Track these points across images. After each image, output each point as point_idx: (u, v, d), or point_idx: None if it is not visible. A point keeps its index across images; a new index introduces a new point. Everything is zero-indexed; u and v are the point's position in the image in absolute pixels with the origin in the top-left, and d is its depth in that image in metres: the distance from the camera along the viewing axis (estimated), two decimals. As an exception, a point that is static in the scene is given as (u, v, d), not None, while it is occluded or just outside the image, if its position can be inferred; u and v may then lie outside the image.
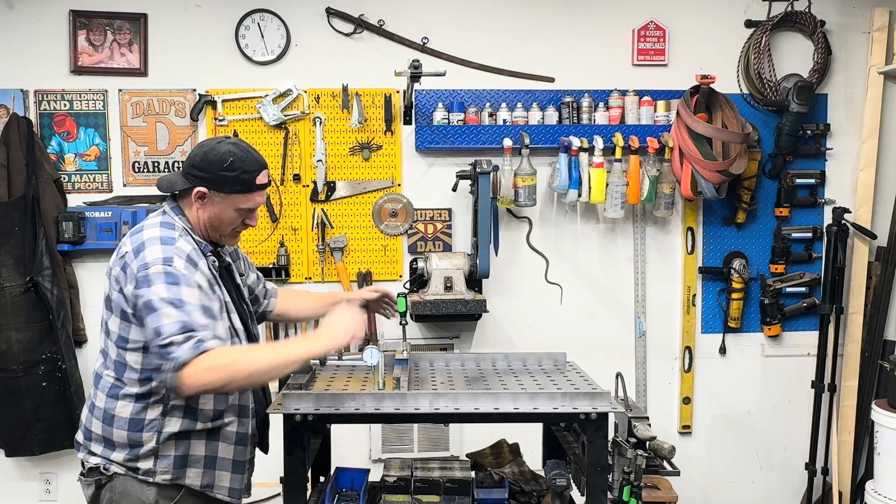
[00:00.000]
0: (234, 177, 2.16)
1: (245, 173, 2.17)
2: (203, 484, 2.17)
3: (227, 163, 2.15)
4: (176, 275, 2.03)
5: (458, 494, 2.65)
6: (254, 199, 2.23)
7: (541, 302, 3.88)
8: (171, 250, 2.07)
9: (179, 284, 2.02)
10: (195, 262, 2.10)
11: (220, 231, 2.25)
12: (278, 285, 3.76)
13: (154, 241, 2.09)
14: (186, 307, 1.99)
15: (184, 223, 2.20)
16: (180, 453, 2.14)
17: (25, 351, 3.53)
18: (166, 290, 2.00)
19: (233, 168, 2.16)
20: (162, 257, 2.05)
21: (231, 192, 2.18)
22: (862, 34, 3.93)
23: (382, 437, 3.84)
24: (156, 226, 2.15)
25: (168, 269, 2.03)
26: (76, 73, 3.71)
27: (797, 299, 3.97)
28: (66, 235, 3.57)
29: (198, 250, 2.16)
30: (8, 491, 3.77)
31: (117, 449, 2.13)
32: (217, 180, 2.16)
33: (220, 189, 2.17)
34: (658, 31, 3.88)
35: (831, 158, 3.97)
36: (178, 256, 2.06)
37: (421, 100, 3.78)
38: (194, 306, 2.01)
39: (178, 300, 1.99)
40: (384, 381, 2.41)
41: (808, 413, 3.95)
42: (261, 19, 3.74)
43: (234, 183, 2.17)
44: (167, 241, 2.09)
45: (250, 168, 2.18)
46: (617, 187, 3.71)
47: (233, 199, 2.19)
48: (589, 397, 2.30)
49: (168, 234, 2.12)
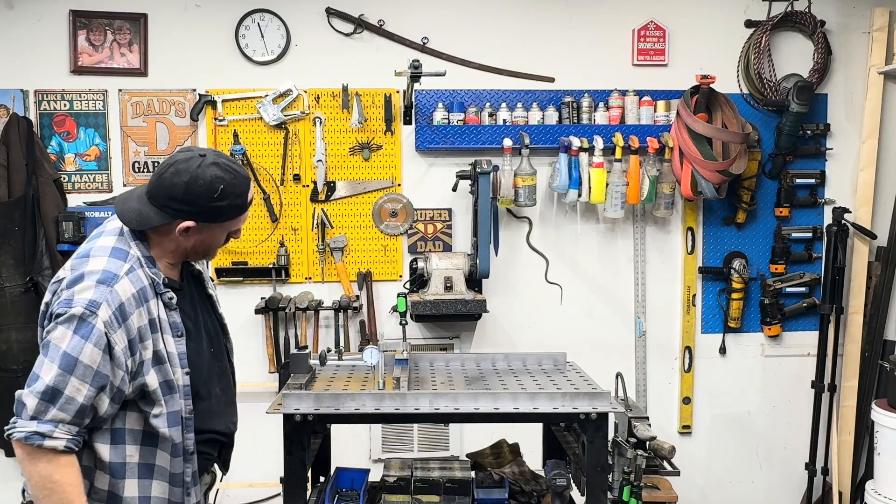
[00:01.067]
0: (228, 205, 1.94)
1: (238, 197, 1.96)
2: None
3: (217, 192, 1.91)
4: (90, 327, 1.79)
5: (458, 494, 2.65)
6: (246, 216, 2.05)
7: (541, 302, 3.88)
8: (104, 293, 1.82)
9: (86, 340, 1.79)
10: (125, 316, 1.85)
11: (208, 254, 2.10)
12: (279, 285, 3.80)
13: (93, 275, 1.85)
14: (76, 370, 1.78)
15: (141, 250, 1.95)
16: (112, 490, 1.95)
17: (25, 351, 3.53)
18: (69, 341, 1.79)
19: (224, 196, 1.92)
20: (89, 300, 1.81)
21: (226, 221, 1.99)
22: (862, 34, 3.93)
23: (382, 437, 3.84)
24: (105, 252, 1.91)
25: (86, 319, 1.80)
26: (76, 73, 3.71)
27: (797, 299, 3.97)
28: (66, 235, 3.57)
29: (143, 292, 1.90)
30: (8, 491, 3.77)
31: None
32: (207, 212, 1.93)
33: (212, 220, 1.96)
34: (658, 31, 3.88)
35: (831, 158, 3.97)
36: (106, 305, 1.81)
37: (421, 100, 3.78)
38: (88, 370, 1.79)
39: (71, 358, 1.78)
40: (384, 381, 2.41)
41: (808, 413, 3.95)
42: (261, 19, 3.74)
43: (228, 211, 1.96)
44: (106, 281, 1.84)
45: (242, 190, 1.97)
46: (617, 187, 3.71)
47: (225, 225, 2.01)
48: (589, 397, 2.30)
49: (114, 268, 1.87)
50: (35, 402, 1.78)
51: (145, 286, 1.91)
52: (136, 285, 1.89)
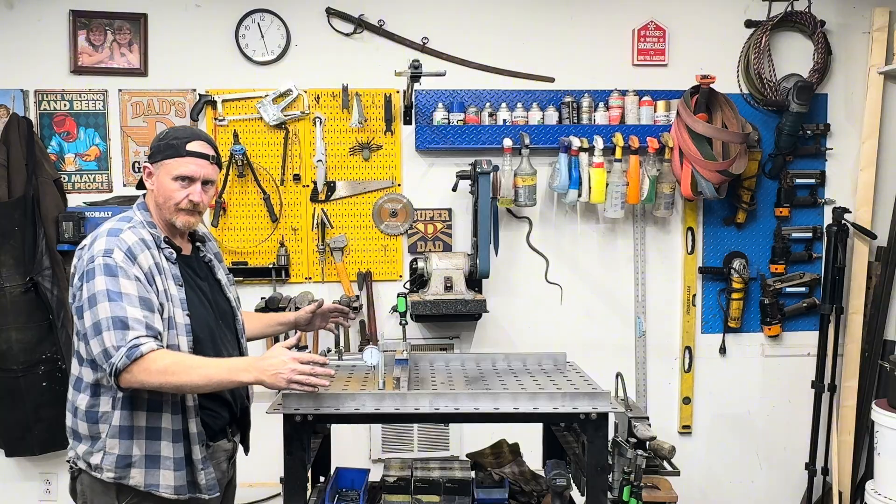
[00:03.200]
0: (165, 143, 2.25)
1: (175, 139, 2.25)
2: (147, 484, 2.17)
3: (161, 135, 2.30)
4: (113, 266, 2.10)
5: (458, 494, 2.66)
6: (187, 165, 2.24)
7: (541, 302, 3.88)
8: (113, 242, 2.14)
9: (117, 276, 2.09)
10: (134, 255, 2.14)
11: (167, 208, 2.25)
12: (279, 285, 3.80)
13: (103, 233, 2.17)
14: (123, 299, 2.07)
15: (144, 217, 2.26)
16: (122, 452, 2.16)
17: (25, 351, 3.53)
18: (104, 283, 2.08)
19: (164, 137, 2.28)
20: (104, 249, 2.12)
21: (164, 159, 2.24)
22: (862, 34, 3.93)
23: (382, 437, 3.84)
24: (114, 220, 2.25)
25: (107, 262, 2.10)
26: (76, 73, 3.71)
27: (797, 299, 3.97)
28: (66, 235, 3.57)
29: (144, 242, 2.19)
30: (8, 491, 3.77)
31: (82, 441, 2.21)
32: (153, 152, 2.27)
33: (155, 159, 2.26)
34: (658, 31, 3.88)
35: (831, 158, 3.97)
36: (118, 248, 2.13)
37: (421, 100, 3.78)
38: (131, 297, 2.08)
39: (115, 292, 2.07)
40: (384, 381, 2.41)
41: (808, 413, 3.96)
42: (261, 19, 3.74)
43: (165, 150, 2.25)
44: (113, 233, 2.17)
45: (181, 135, 2.27)
46: (617, 187, 3.71)
47: (167, 167, 2.24)
48: (589, 397, 2.30)
49: (118, 225, 2.20)
50: (114, 335, 2.03)
51: (146, 238, 2.20)
52: (138, 235, 2.19)
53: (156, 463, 2.17)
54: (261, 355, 2.16)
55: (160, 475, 2.17)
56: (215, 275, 2.43)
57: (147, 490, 2.17)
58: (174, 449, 2.18)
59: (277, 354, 2.12)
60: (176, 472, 2.18)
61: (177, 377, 2.04)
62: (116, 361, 2.01)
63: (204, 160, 2.27)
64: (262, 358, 2.13)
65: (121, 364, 2.01)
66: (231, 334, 2.42)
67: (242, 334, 2.48)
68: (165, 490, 2.17)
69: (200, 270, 2.38)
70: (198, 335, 2.23)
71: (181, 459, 2.19)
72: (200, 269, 2.39)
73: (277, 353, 2.13)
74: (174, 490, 2.18)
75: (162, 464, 2.18)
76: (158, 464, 2.18)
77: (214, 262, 2.45)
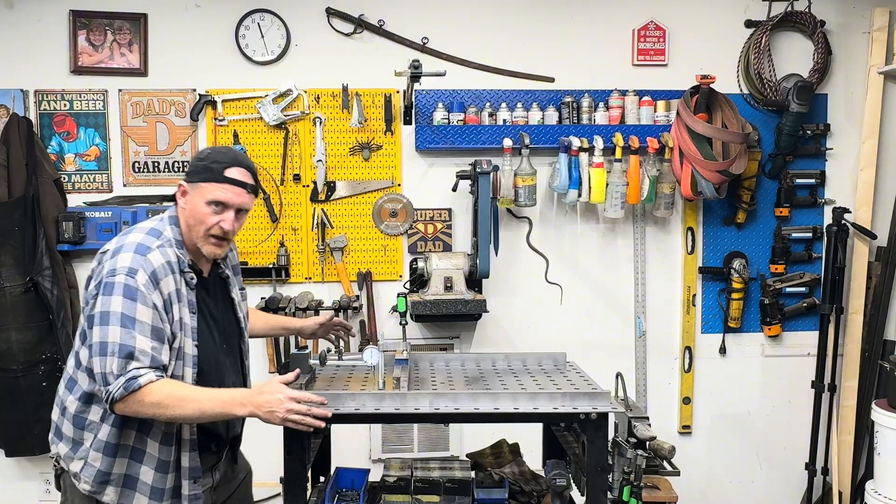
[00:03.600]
0: (204, 165, 2.20)
1: (214, 163, 2.20)
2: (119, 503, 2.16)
3: (202, 154, 2.25)
4: (134, 289, 2.05)
5: (458, 494, 2.66)
6: (223, 191, 2.18)
7: (541, 302, 3.88)
8: (139, 261, 2.08)
9: (135, 301, 2.05)
10: (157, 280, 2.10)
11: (196, 231, 2.21)
12: (279, 285, 3.80)
13: (131, 247, 2.12)
14: (136, 327, 2.03)
15: (174, 233, 2.21)
16: (103, 468, 2.14)
17: (25, 351, 3.53)
18: (121, 304, 2.04)
19: (206, 158, 2.22)
20: (128, 267, 2.07)
21: (200, 181, 2.19)
22: (862, 34, 3.93)
23: (382, 437, 3.84)
24: (143, 231, 2.18)
25: (129, 282, 2.05)
26: (76, 73, 3.71)
27: (797, 299, 3.97)
28: (66, 235, 3.57)
29: (170, 265, 2.14)
30: (8, 491, 3.77)
31: (63, 440, 2.20)
32: (191, 171, 2.23)
33: (192, 179, 2.21)
34: (658, 31, 3.88)
35: (831, 158, 3.97)
36: (142, 270, 2.07)
37: (421, 100, 3.78)
38: (145, 325, 2.05)
39: (129, 318, 2.03)
40: (384, 381, 2.41)
41: (808, 413, 3.96)
42: (261, 19, 3.74)
43: (203, 171, 2.19)
44: (141, 251, 2.11)
45: (222, 159, 2.21)
46: (617, 187, 3.71)
47: (202, 189, 2.19)
48: (589, 397, 2.30)
49: (147, 242, 2.14)
50: (116, 362, 2.01)
51: (172, 261, 2.15)
52: (165, 258, 2.14)
53: (132, 485, 2.16)
54: (258, 389, 2.11)
55: (135, 497, 2.16)
56: (229, 293, 2.40)
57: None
58: (155, 477, 2.16)
59: (274, 391, 2.09)
60: (151, 499, 2.16)
61: (170, 410, 2.03)
62: (113, 391, 2.00)
63: (241, 188, 2.21)
64: (258, 392, 2.10)
65: (118, 394, 2.00)
66: (235, 359, 2.40)
67: (247, 355, 2.48)
68: None
69: (214, 291, 2.34)
70: (202, 366, 2.21)
71: (161, 490, 2.17)
72: (215, 289, 2.35)
73: (274, 388, 2.10)
74: None
75: (139, 488, 2.16)
76: (135, 486, 2.16)
77: (231, 279, 2.41)
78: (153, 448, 2.17)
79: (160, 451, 2.17)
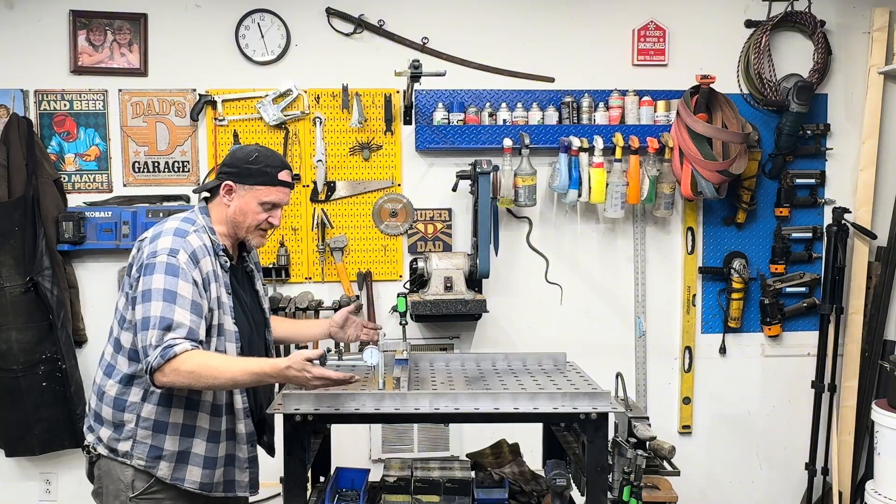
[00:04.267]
0: (258, 169, 2.35)
1: (268, 167, 2.36)
2: (173, 477, 2.27)
3: (251, 157, 2.36)
4: (176, 267, 2.18)
5: (458, 494, 2.65)
6: (276, 194, 2.37)
7: (541, 302, 3.88)
8: (179, 243, 2.22)
9: (177, 277, 2.17)
10: (197, 259, 2.23)
11: (245, 226, 2.37)
12: (279, 285, 3.80)
13: (169, 231, 2.26)
14: (177, 300, 2.14)
15: (206, 222, 2.36)
16: (155, 444, 2.25)
17: (25, 351, 3.53)
18: (163, 281, 2.16)
19: (257, 162, 2.35)
20: (169, 248, 2.20)
21: (255, 185, 2.35)
22: (862, 34, 3.93)
23: (382, 437, 3.84)
24: (178, 219, 2.33)
25: (170, 261, 2.18)
26: (76, 73, 3.71)
27: (797, 299, 3.97)
28: (66, 235, 3.57)
29: (207, 247, 2.28)
30: (8, 491, 3.77)
31: (104, 426, 2.28)
32: (242, 173, 2.35)
33: (244, 181, 2.35)
34: (658, 31, 3.88)
35: (831, 158, 3.97)
36: (183, 250, 2.21)
37: (421, 100, 3.78)
38: (185, 300, 2.15)
39: (171, 292, 2.15)
40: (384, 381, 2.41)
41: (808, 413, 3.95)
42: (261, 19, 3.74)
43: (257, 175, 2.34)
44: (180, 233, 2.26)
45: (273, 164, 2.38)
46: (617, 187, 3.71)
47: (256, 192, 2.35)
48: (589, 397, 2.30)
49: (184, 227, 2.29)
50: (155, 333, 2.10)
51: (207, 245, 2.30)
52: (201, 240, 2.28)
53: (185, 459, 2.27)
54: (285, 364, 2.13)
55: (187, 470, 2.27)
56: (254, 285, 2.55)
57: (172, 483, 2.26)
58: (207, 448, 2.29)
59: (301, 369, 2.12)
60: (204, 469, 2.29)
61: (204, 379, 2.11)
62: (152, 360, 2.09)
63: (289, 189, 2.43)
64: (285, 367, 2.13)
65: (155, 363, 2.08)
66: (263, 345, 2.54)
67: (272, 346, 2.62)
68: (190, 484, 2.28)
69: (242, 281, 2.48)
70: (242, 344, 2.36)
71: (214, 459, 2.30)
72: (242, 279, 2.49)
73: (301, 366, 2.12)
74: (199, 486, 2.29)
75: (191, 460, 2.28)
76: (188, 460, 2.27)
77: (255, 273, 2.56)
78: (203, 420, 2.28)
79: (211, 422, 2.29)
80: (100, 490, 2.33)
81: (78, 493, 3.72)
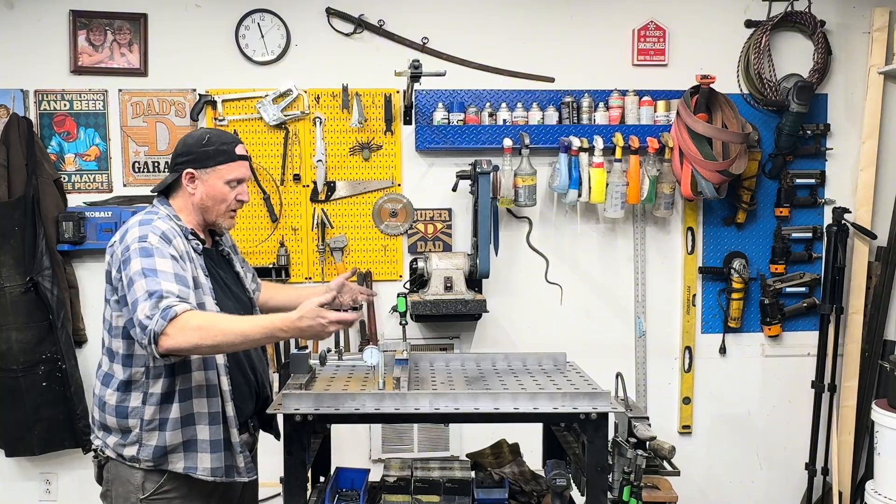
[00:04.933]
0: (215, 150, 2.34)
1: (224, 144, 2.36)
2: (186, 467, 2.27)
3: (205, 139, 2.36)
4: (149, 248, 2.17)
5: (458, 494, 2.65)
6: (239, 169, 2.37)
7: (541, 302, 3.88)
8: (147, 228, 2.22)
9: (153, 256, 2.16)
10: (169, 239, 2.22)
11: (216, 210, 2.37)
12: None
13: (134, 224, 2.25)
14: (158, 275, 2.11)
15: (168, 211, 2.34)
16: (160, 443, 2.24)
17: (25, 351, 3.53)
18: (140, 263, 2.14)
19: (211, 143, 2.35)
20: (138, 236, 2.20)
21: (216, 165, 2.34)
22: (862, 34, 3.93)
23: (382, 437, 3.84)
24: (140, 214, 2.32)
25: (142, 245, 2.17)
26: (76, 73, 3.71)
27: (797, 299, 3.97)
28: (66, 235, 3.57)
29: (176, 230, 2.27)
30: (8, 491, 3.77)
31: (112, 433, 2.28)
32: (200, 157, 2.34)
33: (205, 164, 2.33)
34: (658, 31, 3.88)
35: (831, 158, 3.97)
36: (152, 233, 2.20)
37: (421, 100, 3.78)
38: (167, 274, 2.13)
39: (150, 270, 2.12)
40: (384, 381, 2.41)
41: (808, 413, 3.96)
42: (261, 19, 3.74)
43: (215, 155, 2.34)
44: (145, 223, 2.25)
45: (227, 140, 2.38)
46: (617, 187, 3.71)
47: (219, 171, 2.34)
48: (589, 397, 2.30)
49: (147, 217, 2.28)
50: (148, 304, 2.05)
51: (175, 228, 2.28)
52: (168, 224, 2.27)
53: (193, 447, 2.27)
54: (297, 315, 2.08)
55: (198, 458, 2.27)
56: (234, 267, 2.54)
57: (185, 473, 2.26)
58: (211, 431, 2.28)
59: (315, 316, 2.08)
60: (213, 454, 2.28)
61: (213, 334, 2.06)
62: (153, 327, 2.02)
63: (247, 161, 2.43)
64: (298, 318, 2.09)
65: (158, 327, 2.02)
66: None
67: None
68: (202, 472, 2.27)
69: (219, 262, 2.48)
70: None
71: (218, 442, 2.29)
72: (220, 262, 2.49)
73: (315, 314, 2.08)
74: (210, 472, 2.28)
75: (199, 448, 2.27)
76: (196, 448, 2.27)
77: (232, 255, 2.55)
78: (201, 405, 2.27)
79: (209, 404, 2.28)
80: (108, 492, 2.32)
81: (78, 493, 3.73)
